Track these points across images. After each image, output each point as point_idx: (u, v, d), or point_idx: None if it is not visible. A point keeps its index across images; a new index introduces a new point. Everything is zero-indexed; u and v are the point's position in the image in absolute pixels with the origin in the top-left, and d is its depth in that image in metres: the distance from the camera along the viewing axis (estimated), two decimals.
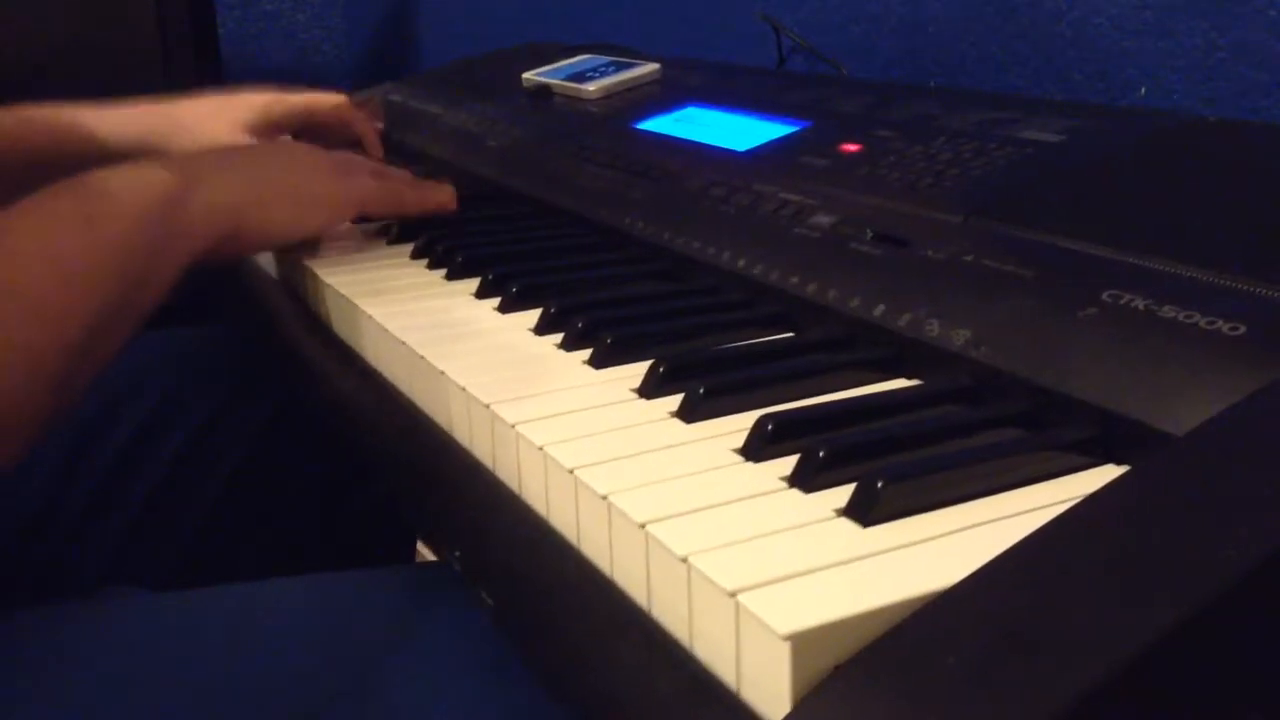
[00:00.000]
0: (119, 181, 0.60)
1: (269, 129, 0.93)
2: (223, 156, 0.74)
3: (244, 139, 0.90)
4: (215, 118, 0.91)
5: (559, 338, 0.58)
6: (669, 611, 0.38)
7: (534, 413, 0.48)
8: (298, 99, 0.96)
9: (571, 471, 0.43)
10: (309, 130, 0.97)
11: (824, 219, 0.60)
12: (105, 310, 0.56)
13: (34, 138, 0.84)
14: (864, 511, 0.38)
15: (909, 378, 0.51)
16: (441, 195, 0.79)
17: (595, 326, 0.56)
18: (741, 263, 0.61)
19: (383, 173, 0.79)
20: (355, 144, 0.99)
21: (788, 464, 0.42)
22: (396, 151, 1.04)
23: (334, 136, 0.98)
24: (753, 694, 0.34)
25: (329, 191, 0.73)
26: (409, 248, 0.76)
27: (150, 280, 0.59)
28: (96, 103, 0.88)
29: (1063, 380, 0.44)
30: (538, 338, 0.59)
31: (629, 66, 0.98)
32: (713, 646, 0.36)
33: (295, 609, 0.58)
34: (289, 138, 0.97)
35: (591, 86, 0.95)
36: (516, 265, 0.68)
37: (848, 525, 0.38)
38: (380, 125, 1.06)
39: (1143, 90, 0.88)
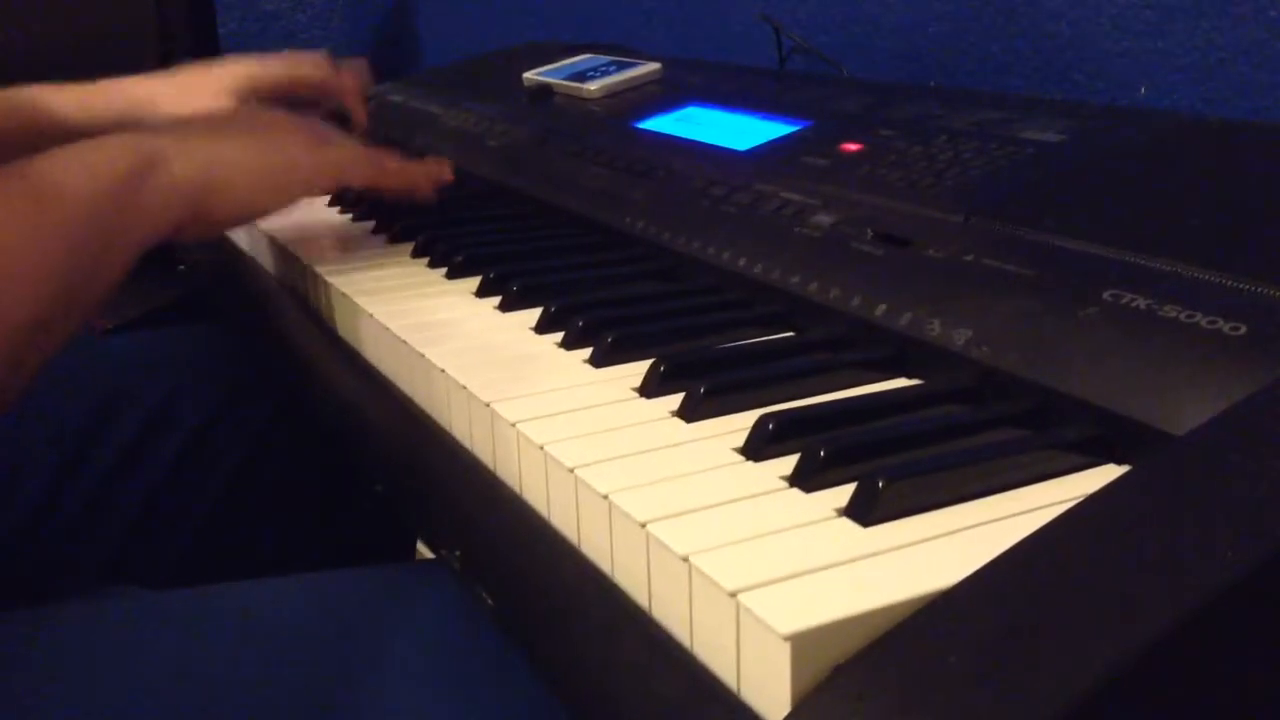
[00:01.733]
0: (71, 161, 0.57)
1: (250, 96, 0.91)
2: (186, 131, 0.69)
3: (226, 109, 0.87)
4: (195, 90, 0.88)
5: (559, 336, 0.58)
6: (669, 611, 0.38)
7: (534, 411, 0.48)
8: (278, 63, 0.94)
9: (572, 470, 0.43)
10: (293, 96, 0.95)
11: (825, 218, 0.60)
12: (52, 298, 0.53)
13: (7, 121, 0.82)
14: (864, 511, 0.38)
15: (910, 377, 0.51)
16: (429, 167, 0.77)
17: (596, 325, 0.56)
18: (742, 262, 0.61)
19: (365, 146, 0.77)
20: (341, 116, 0.96)
21: (788, 463, 0.42)
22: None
23: (319, 99, 0.96)
24: (753, 694, 0.34)
25: (301, 163, 0.71)
26: (409, 246, 0.76)
27: (102, 266, 0.57)
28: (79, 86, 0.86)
29: (1063, 380, 0.44)
30: (538, 336, 0.59)
31: (630, 66, 0.97)
32: (713, 646, 0.36)
33: (295, 608, 0.57)
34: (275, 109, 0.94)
35: (592, 86, 0.95)
36: (517, 264, 0.68)
37: (848, 525, 0.38)
38: (367, 78, 1.02)
39: (1143, 90, 0.88)
